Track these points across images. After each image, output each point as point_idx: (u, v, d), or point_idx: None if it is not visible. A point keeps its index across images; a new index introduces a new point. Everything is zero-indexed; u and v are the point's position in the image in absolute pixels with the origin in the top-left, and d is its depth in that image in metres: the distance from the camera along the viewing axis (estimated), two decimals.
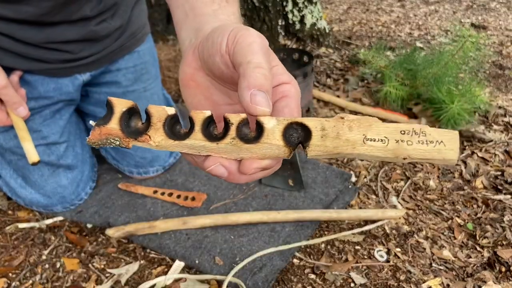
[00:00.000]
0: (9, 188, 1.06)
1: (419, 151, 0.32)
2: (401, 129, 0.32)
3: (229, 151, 0.34)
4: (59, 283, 0.91)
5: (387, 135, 0.32)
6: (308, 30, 2.07)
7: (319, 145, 0.33)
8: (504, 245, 0.99)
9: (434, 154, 0.32)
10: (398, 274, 0.92)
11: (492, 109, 1.53)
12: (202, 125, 0.34)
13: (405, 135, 0.32)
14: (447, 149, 0.32)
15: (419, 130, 0.32)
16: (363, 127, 0.33)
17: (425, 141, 0.32)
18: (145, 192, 1.10)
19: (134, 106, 0.34)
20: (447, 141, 0.32)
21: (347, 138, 0.32)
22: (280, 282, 0.90)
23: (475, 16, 2.70)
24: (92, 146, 0.34)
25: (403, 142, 0.32)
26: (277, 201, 1.08)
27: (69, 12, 0.84)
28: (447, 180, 1.21)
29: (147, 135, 0.33)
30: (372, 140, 0.32)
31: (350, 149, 0.32)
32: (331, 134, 0.33)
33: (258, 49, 0.35)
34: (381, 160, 0.33)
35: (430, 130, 0.32)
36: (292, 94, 0.37)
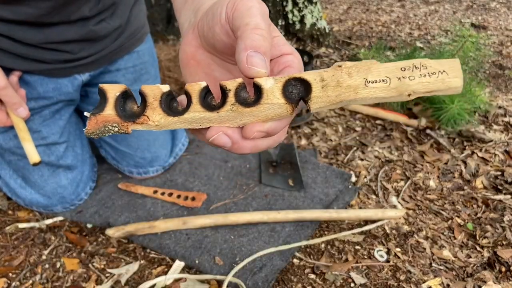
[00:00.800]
0: (9, 189, 1.06)
1: (423, 84, 0.31)
2: (401, 66, 0.32)
3: (231, 118, 0.33)
4: (59, 283, 0.91)
5: (388, 74, 0.32)
6: (308, 30, 2.07)
7: (321, 96, 0.32)
8: (504, 245, 0.99)
9: (439, 85, 0.31)
10: (398, 274, 0.92)
11: (492, 109, 1.53)
12: (199, 96, 0.33)
13: (406, 71, 0.32)
14: (450, 77, 0.31)
15: (420, 64, 0.31)
16: (362, 71, 0.32)
17: (427, 74, 0.31)
18: (145, 192, 1.10)
19: (127, 89, 0.33)
20: (450, 70, 0.31)
21: (348, 85, 0.32)
22: (280, 282, 0.90)
23: (475, 16, 2.70)
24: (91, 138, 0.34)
25: (405, 78, 0.31)
26: (277, 201, 1.08)
27: (68, 12, 0.84)
28: (447, 180, 1.21)
29: (145, 116, 0.33)
30: (373, 82, 0.32)
31: (353, 94, 0.32)
32: (331, 83, 0.32)
33: (257, 12, 0.35)
34: (385, 100, 0.32)
35: (431, 62, 0.31)
36: (295, 65, 0.37)
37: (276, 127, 0.34)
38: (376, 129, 1.45)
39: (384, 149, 1.34)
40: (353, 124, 1.48)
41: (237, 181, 1.15)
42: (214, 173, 1.18)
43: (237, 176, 1.17)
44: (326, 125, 1.47)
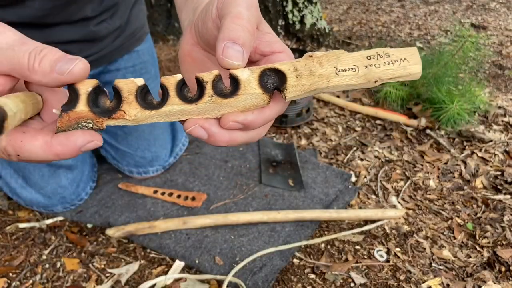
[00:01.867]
0: (9, 188, 1.06)
1: (387, 71, 0.34)
2: (367, 55, 0.34)
3: (209, 110, 0.33)
4: (59, 283, 0.91)
5: (355, 63, 0.34)
6: (308, 30, 2.07)
7: (295, 85, 0.34)
8: (504, 245, 0.99)
9: (401, 72, 0.34)
10: (398, 274, 0.92)
11: (491, 109, 1.53)
12: (176, 89, 0.33)
13: (371, 60, 0.34)
14: (411, 64, 0.34)
15: (383, 53, 0.34)
16: (332, 61, 0.34)
17: (390, 62, 0.34)
18: (145, 192, 1.10)
19: (98, 84, 0.32)
20: (410, 57, 0.34)
21: (320, 74, 0.34)
22: (280, 282, 0.90)
23: (475, 16, 2.70)
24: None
25: (371, 66, 0.34)
26: (277, 201, 1.08)
27: (70, 12, 0.84)
28: (447, 180, 1.21)
29: (121, 111, 0.32)
30: (343, 71, 0.34)
31: (325, 83, 0.34)
32: (304, 72, 0.34)
33: (242, 2, 0.35)
34: (354, 87, 0.34)
35: (393, 51, 0.34)
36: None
37: (253, 120, 0.34)
38: (376, 129, 1.45)
39: (384, 149, 1.34)
40: (353, 124, 1.48)
41: (237, 181, 1.15)
42: (214, 173, 1.18)
43: (237, 176, 1.17)
44: (326, 125, 1.47)
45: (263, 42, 0.37)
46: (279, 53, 0.37)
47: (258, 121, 0.35)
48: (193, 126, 0.34)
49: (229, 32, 0.32)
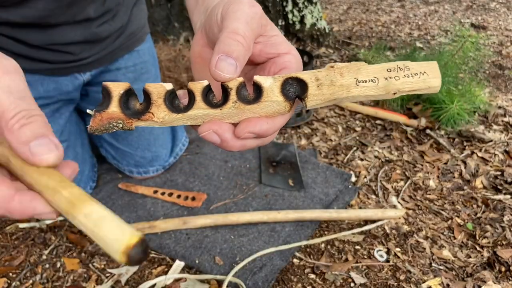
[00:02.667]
0: None
1: (406, 83, 0.35)
2: (387, 68, 0.35)
3: (233, 115, 0.35)
4: (59, 283, 0.91)
5: (376, 74, 0.35)
6: (308, 30, 2.07)
7: (316, 94, 0.35)
8: (504, 245, 0.99)
9: (420, 84, 0.35)
10: (398, 274, 0.92)
11: (491, 109, 1.53)
12: (202, 94, 0.34)
13: (392, 72, 0.35)
14: (430, 77, 0.35)
15: (403, 66, 0.35)
16: (353, 72, 0.35)
17: (410, 75, 0.35)
18: (145, 192, 1.10)
19: (130, 87, 0.34)
20: (429, 71, 0.35)
21: (341, 84, 0.35)
22: (280, 282, 0.90)
23: (475, 16, 2.70)
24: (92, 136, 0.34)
25: (391, 78, 0.35)
26: (277, 201, 1.08)
27: (73, 13, 0.84)
28: (447, 180, 1.21)
29: (150, 113, 0.34)
30: (363, 82, 0.35)
31: (346, 92, 0.35)
32: (325, 82, 0.35)
33: (241, 15, 0.35)
34: (373, 98, 0.35)
35: (413, 64, 0.35)
36: (291, 65, 0.38)
37: (268, 129, 0.35)
38: (376, 129, 1.45)
39: (384, 149, 1.34)
40: (353, 124, 1.48)
41: (237, 181, 1.15)
42: (214, 173, 1.18)
43: (237, 176, 1.17)
44: (326, 125, 1.47)
45: (268, 44, 0.38)
46: (285, 54, 0.37)
47: (272, 130, 0.36)
48: (207, 131, 0.35)
49: (224, 46, 0.33)
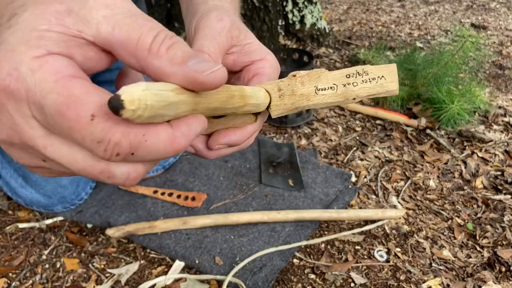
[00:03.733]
0: (9, 188, 1.06)
1: (364, 89, 0.35)
2: (346, 73, 0.35)
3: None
4: (59, 283, 0.91)
5: (335, 81, 0.35)
6: (308, 30, 2.07)
7: (279, 105, 0.36)
8: (504, 245, 0.99)
9: (378, 89, 0.35)
10: (398, 274, 0.92)
11: (492, 109, 1.53)
12: None
13: (350, 78, 0.35)
14: (387, 82, 0.35)
15: (362, 71, 0.35)
16: (313, 80, 0.36)
17: (368, 80, 0.35)
18: (145, 192, 1.10)
19: None
20: (387, 75, 0.35)
21: (301, 93, 0.36)
22: (280, 282, 0.90)
23: (475, 16, 2.70)
24: None
25: (349, 85, 0.35)
26: (277, 201, 1.08)
27: None
28: (447, 180, 1.21)
29: None
30: (323, 90, 0.35)
31: (306, 101, 0.36)
32: (287, 92, 0.36)
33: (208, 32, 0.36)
34: (333, 105, 0.36)
35: (371, 68, 0.35)
36: (264, 71, 0.38)
37: (238, 139, 0.35)
38: (376, 129, 1.45)
39: (384, 149, 1.34)
40: (353, 124, 1.48)
41: (237, 181, 1.15)
42: (214, 173, 1.18)
43: (237, 176, 1.17)
44: (326, 125, 1.47)
45: (242, 53, 0.39)
46: (258, 61, 0.38)
47: (243, 138, 0.36)
48: None
49: None
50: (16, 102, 0.22)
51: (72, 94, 0.21)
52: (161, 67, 0.23)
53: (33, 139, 0.23)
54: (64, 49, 0.23)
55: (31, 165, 0.26)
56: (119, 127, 0.22)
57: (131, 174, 0.25)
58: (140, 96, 0.20)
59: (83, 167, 0.24)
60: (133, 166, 0.25)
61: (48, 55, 0.22)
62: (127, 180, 0.25)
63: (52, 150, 0.23)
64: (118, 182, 0.25)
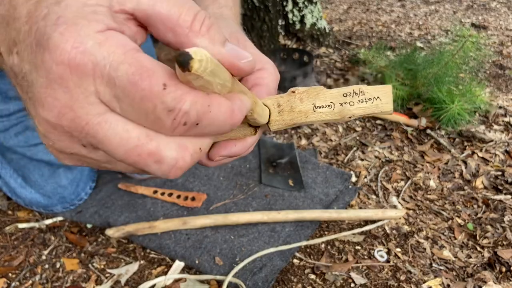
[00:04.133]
0: (9, 188, 1.06)
1: (360, 109, 0.37)
2: (343, 92, 0.37)
3: None
4: (59, 283, 0.91)
5: (332, 100, 0.37)
6: (308, 30, 2.07)
7: (278, 120, 0.37)
8: (504, 245, 0.99)
9: (373, 109, 0.37)
10: (398, 274, 0.91)
11: (492, 109, 1.53)
12: None
13: (347, 97, 0.37)
14: (383, 103, 0.37)
15: (358, 90, 0.37)
16: (312, 97, 0.37)
17: (364, 100, 0.37)
18: (145, 192, 1.10)
19: None
20: (383, 96, 0.37)
21: (300, 110, 0.37)
22: (280, 282, 0.90)
23: (475, 16, 2.70)
24: None
25: (346, 104, 0.37)
26: (277, 201, 1.08)
27: None
28: (447, 180, 1.21)
29: None
30: (320, 107, 0.37)
31: (304, 118, 0.37)
32: (286, 108, 0.37)
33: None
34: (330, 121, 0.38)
35: (368, 89, 0.37)
36: (263, 82, 0.38)
37: (238, 151, 0.36)
38: (376, 129, 1.45)
39: (384, 149, 1.34)
40: (353, 124, 1.48)
41: (237, 181, 1.15)
42: (214, 173, 1.18)
43: (237, 176, 1.17)
44: (326, 125, 1.47)
45: None
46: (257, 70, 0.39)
47: (243, 150, 0.37)
48: None
49: None
50: (79, 77, 0.22)
51: (143, 65, 0.22)
52: (202, 46, 0.24)
53: (88, 115, 0.23)
54: (117, 24, 0.23)
55: (65, 151, 0.26)
56: (189, 96, 0.22)
57: (179, 161, 0.24)
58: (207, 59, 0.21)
59: (134, 147, 0.23)
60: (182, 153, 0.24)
61: (108, 30, 0.22)
62: (173, 168, 0.24)
63: (106, 127, 0.23)
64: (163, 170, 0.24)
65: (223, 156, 0.36)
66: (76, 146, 0.25)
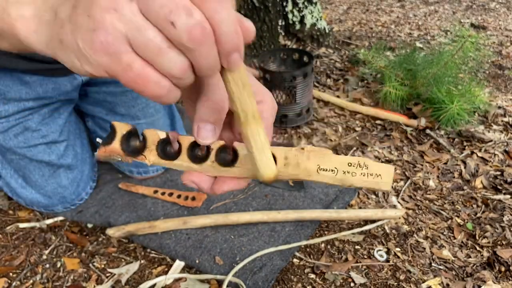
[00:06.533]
0: (9, 189, 1.06)
1: (360, 181, 0.38)
2: (348, 162, 0.39)
3: (211, 171, 0.40)
4: (59, 282, 0.91)
5: (337, 166, 0.39)
6: (308, 30, 2.07)
7: (282, 171, 0.39)
8: (503, 244, 0.99)
9: (372, 184, 0.39)
10: (398, 273, 0.92)
11: (491, 109, 1.54)
12: (188, 149, 0.40)
13: (351, 167, 0.38)
14: (382, 181, 0.39)
15: (363, 163, 0.38)
16: (318, 157, 0.39)
17: (366, 174, 0.38)
18: (145, 192, 1.10)
19: (132, 129, 0.39)
20: (384, 175, 0.38)
21: (305, 167, 0.39)
22: (280, 281, 0.90)
23: (475, 16, 2.71)
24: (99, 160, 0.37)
25: (348, 173, 0.38)
26: (277, 201, 1.08)
27: None
28: (447, 180, 1.21)
29: (143, 155, 0.39)
30: (324, 170, 0.39)
31: (307, 176, 0.39)
32: (292, 162, 0.39)
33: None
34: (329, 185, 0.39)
35: (372, 165, 0.38)
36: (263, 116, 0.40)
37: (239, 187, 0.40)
38: (376, 129, 1.45)
39: (384, 149, 1.34)
40: (353, 124, 1.48)
41: None
42: None
43: None
44: (326, 125, 1.47)
45: None
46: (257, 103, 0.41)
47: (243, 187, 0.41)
48: (187, 181, 0.40)
49: (200, 114, 0.36)
50: None
51: None
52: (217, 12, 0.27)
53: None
54: None
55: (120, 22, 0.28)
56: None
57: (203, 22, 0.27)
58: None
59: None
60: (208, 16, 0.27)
61: None
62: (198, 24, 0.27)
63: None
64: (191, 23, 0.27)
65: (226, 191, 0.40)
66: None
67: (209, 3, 0.27)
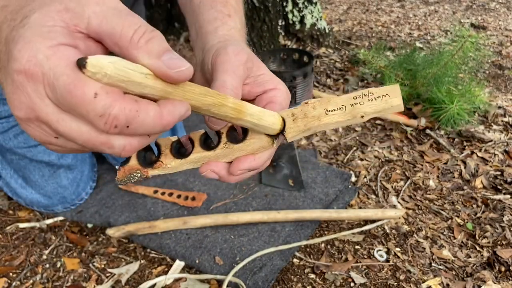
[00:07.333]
0: (9, 189, 1.06)
1: (371, 106, 0.39)
2: (353, 96, 0.39)
3: (226, 154, 0.40)
4: (59, 282, 0.91)
5: (343, 103, 0.39)
6: (308, 30, 2.07)
7: (292, 127, 0.40)
8: (503, 244, 0.99)
9: (383, 105, 0.38)
10: (398, 273, 0.92)
11: (491, 109, 1.54)
12: (200, 140, 0.41)
13: (357, 99, 0.39)
14: (391, 97, 0.39)
15: (368, 92, 0.39)
16: (323, 104, 0.40)
17: (373, 98, 0.39)
18: (145, 192, 1.11)
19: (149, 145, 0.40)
20: (391, 92, 0.39)
21: (313, 115, 0.40)
22: (280, 281, 0.90)
23: (475, 16, 2.71)
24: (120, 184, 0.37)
25: (356, 104, 0.39)
26: (277, 201, 1.08)
27: None
28: (447, 180, 1.21)
29: (160, 161, 0.40)
30: (332, 111, 0.39)
31: (317, 121, 0.39)
32: (299, 116, 0.40)
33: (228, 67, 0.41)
34: (343, 124, 0.40)
35: (376, 90, 0.39)
36: (276, 100, 0.42)
37: (257, 164, 0.41)
38: (376, 129, 1.45)
39: (384, 149, 1.34)
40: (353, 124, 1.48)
41: None
42: None
43: None
44: None
45: (256, 84, 0.44)
46: (271, 90, 0.43)
47: (261, 162, 0.41)
48: (206, 171, 0.41)
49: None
50: (34, 84, 0.26)
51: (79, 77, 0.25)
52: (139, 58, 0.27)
53: (47, 115, 0.27)
54: (70, 40, 0.27)
55: (46, 142, 0.30)
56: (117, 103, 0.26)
57: (126, 146, 0.29)
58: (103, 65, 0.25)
59: (88, 138, 0.28)
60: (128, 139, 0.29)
61: (59, 45, 0.26)
62: (123, 151, 0.30)
63: (63, 124, 0.27)
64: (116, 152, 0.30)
65: (243, 170, 0.40)
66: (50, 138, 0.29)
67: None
